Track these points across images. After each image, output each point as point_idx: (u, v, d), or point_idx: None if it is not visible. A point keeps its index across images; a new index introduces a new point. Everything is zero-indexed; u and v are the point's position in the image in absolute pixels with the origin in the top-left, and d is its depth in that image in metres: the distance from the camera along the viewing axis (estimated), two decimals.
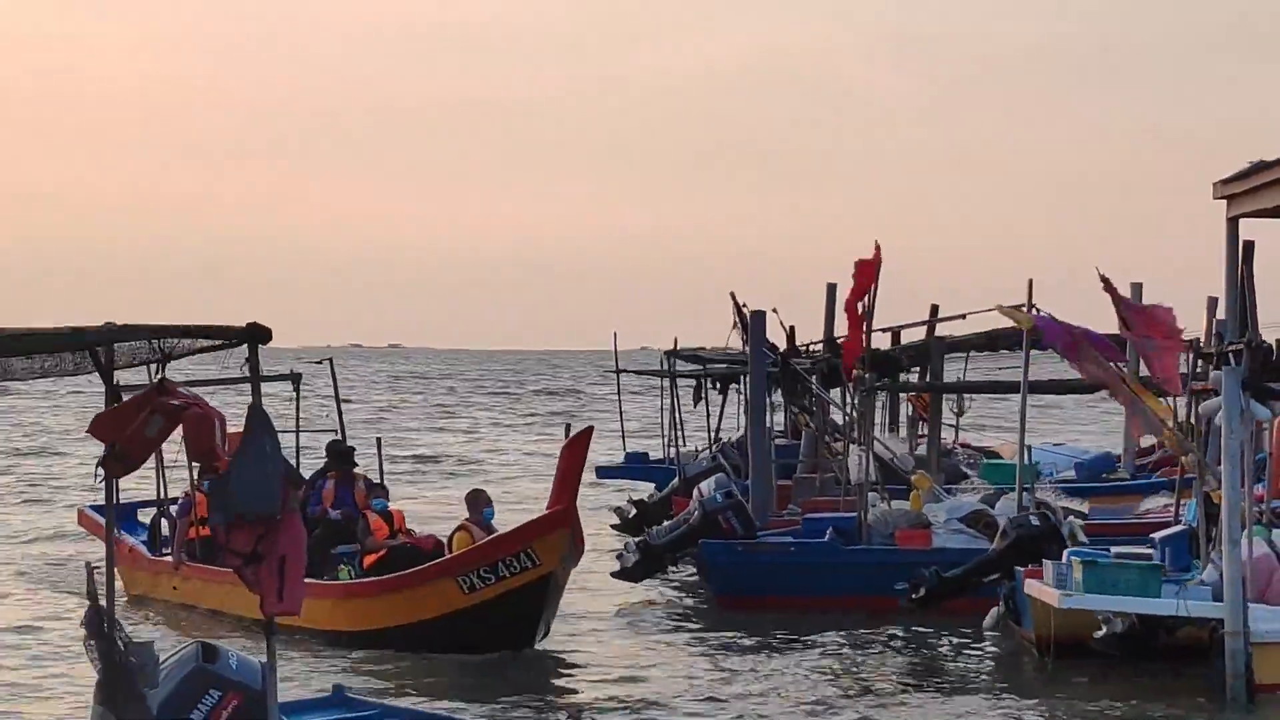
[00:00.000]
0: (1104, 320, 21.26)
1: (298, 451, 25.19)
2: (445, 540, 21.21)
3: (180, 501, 24.13)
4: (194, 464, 21.22)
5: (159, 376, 11.45)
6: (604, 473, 40.69)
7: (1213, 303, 33.62)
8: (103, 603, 11.48)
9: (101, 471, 11.66)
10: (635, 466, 39.75)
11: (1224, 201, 39.56)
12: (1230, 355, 18.81)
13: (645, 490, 36.76)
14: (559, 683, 19.12)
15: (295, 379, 25.57)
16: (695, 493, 28.43)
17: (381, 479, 24.62)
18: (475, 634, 19.66)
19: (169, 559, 23.98)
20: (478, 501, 21.14)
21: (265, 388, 11.70)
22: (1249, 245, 31.29)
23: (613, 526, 32.73)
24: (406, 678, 18.99)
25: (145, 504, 26.82)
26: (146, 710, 11.38)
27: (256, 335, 11.07)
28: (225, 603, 22.09)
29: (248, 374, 11.33)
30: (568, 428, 20.64)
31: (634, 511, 32.54)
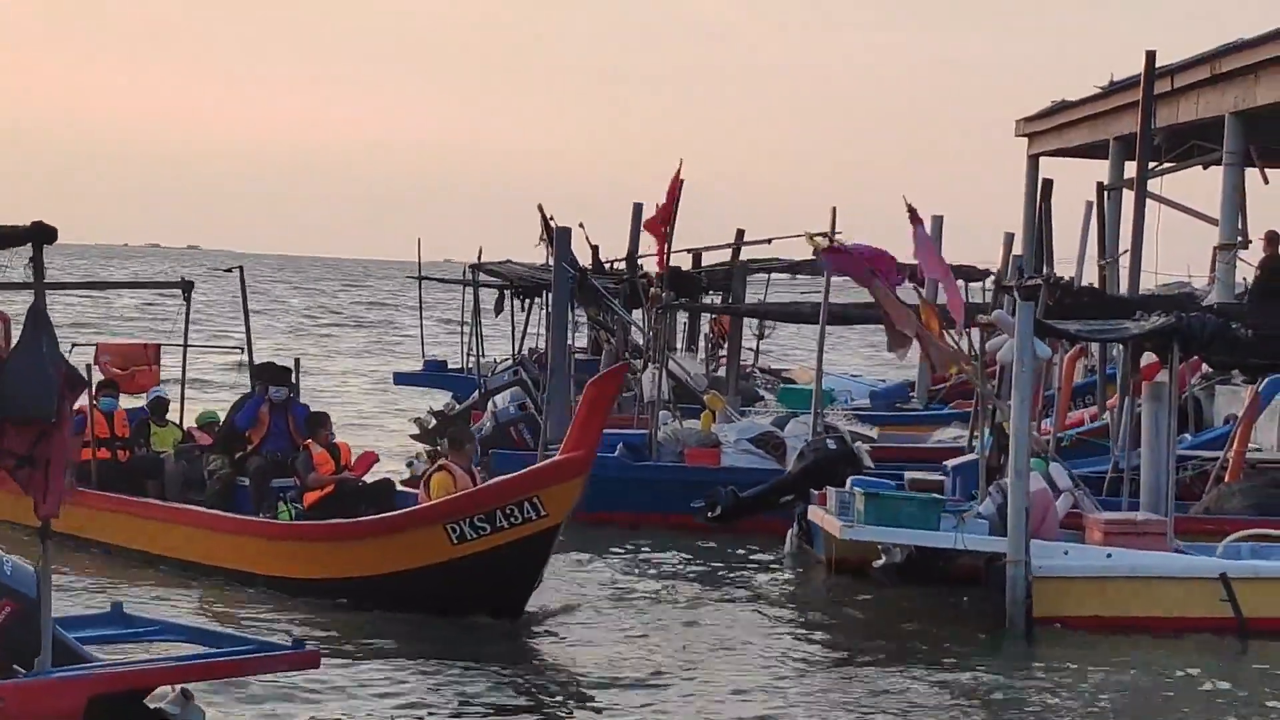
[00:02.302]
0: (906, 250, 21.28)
1: (184, 365, 23.76)
2: (422, 481, 18.47)
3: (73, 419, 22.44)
4: None
5: None
6: (401, 379, 40.62)
7: (1009, 238, 34.18)
8: None
9: None
10: (433, 375, 39.61)
11: (1025, 139, 40.31)
12: (1026, 290, 19.09)
13: (443, 399, 36.67)
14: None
15: (186, 288, 23.47)
16: (489, 405, 28.46)
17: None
18: (459, 592, 16.98)
19: None
20: (461, 440, 18.60)
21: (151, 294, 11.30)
22: (1048, 183, 31.90)
23: (411, 436, 32.64)
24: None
25: None
26: None
27: (42, 235, 10.74)
28: (123, 536, 19.62)
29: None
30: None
31: (434, 422, 32.46)
